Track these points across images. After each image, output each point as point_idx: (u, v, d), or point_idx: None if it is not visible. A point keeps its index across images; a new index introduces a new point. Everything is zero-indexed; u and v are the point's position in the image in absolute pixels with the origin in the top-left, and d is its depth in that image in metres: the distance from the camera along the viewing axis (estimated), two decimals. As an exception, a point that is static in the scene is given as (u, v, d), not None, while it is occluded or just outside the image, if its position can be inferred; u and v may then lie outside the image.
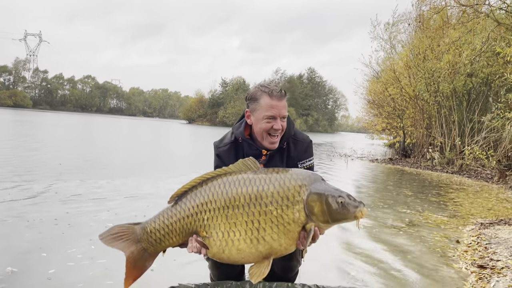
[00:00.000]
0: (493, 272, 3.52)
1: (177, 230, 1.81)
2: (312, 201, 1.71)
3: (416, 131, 18.59)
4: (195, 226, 1.77)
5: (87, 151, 13.64)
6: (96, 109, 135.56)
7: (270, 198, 1.71)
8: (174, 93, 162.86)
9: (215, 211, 1.74)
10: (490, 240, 4.64)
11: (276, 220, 1.69)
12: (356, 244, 4.35)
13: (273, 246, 1.69)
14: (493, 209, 6.93)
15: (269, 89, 2.05)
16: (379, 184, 10.49)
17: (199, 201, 1.78)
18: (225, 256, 1.73)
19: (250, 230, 1.69)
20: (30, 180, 6.61)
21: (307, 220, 1.71)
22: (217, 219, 1.73)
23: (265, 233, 1.69)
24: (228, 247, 1.71)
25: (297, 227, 1.70)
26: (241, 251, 1.70)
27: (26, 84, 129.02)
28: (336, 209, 1.70)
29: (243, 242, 1.70)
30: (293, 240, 1.71)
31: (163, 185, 7.28)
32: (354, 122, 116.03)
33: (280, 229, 1.69)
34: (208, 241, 1.75)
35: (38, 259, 3.24)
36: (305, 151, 2.22)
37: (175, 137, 28.93)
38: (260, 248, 1.69)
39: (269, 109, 2.04)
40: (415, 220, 5.70)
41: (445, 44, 15.21)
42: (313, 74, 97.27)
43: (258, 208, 1.71)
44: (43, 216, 4.52)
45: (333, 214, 1.71)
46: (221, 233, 1.72)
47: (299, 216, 1.70)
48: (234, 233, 1.70)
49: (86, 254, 3.40)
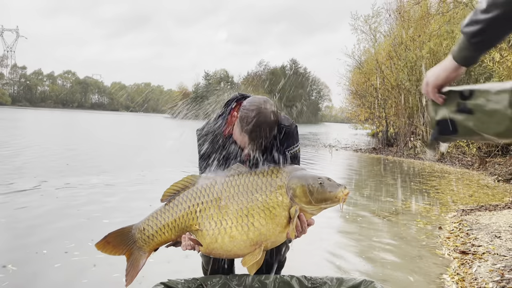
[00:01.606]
0: (474, 258, 3.62)
1: (169, 225, 1.87)
2: (293, 183, 1.81)
3: (398, 121, 18.84)
4: (188, 219, 1.84)
5: (97, 149, 13.44)
6: (78, 105, 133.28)
7: (255, 186, 1.83)
8: (156, 86, 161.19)
9: (207, 203, 1.83)
10: (471, 226, 4.75)
11: (262, 205, 1.79)
12: (339, 234, 4.41)
13: (262, 232, 1.77)
14: (474, 196, 7.09)
15: (250, 129, 1.90)
16: (363, 173, 10.63)
17: (191, 196, 1.87)
18: (218, 246, 1.79)
19: (241, 217, 1.78)
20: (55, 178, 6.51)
21: (291, 203, 1.80)
22: (210, 210, 1.82)
23: (254, 219, 1.78)
24: (221, 235, 1.79)
25: (282, 211, 1.79)
26: (233, 238, 1.78)
27: (4, 81, 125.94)
28: (317, 189, 1.78)
29: (234, 229, 1.78)
30: (280, 226, 1.79)
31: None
32: (337, 113, 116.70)
33: (267, 214, 1.78)
34: (201, 233, 1.81)
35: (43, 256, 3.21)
36: (291, 138, 2.19)
37: (165, 132, 28.70)
38: (250, 235, 1.77)
39: (244, 143, 1.99)
40: (398, 208, 5.80)
41: (426, 34, 15.39)
42: (296, 65, 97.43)
43: (246, 196, 1.81)
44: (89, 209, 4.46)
45: (314, 194, 1.78)
46: (213, 222, 1.80)
47: (282, 199, 1.80)
48: (226, 222, 1.79)
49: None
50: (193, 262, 3.09)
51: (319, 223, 4.86)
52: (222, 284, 1.90)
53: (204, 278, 1.92)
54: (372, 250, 3.88)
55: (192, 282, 1.88)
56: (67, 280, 2.87)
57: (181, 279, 1.89)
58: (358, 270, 3.31)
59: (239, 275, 1.95)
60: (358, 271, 3.28)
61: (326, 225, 4.72)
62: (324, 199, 1.79)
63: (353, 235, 4.37)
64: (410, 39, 16.28)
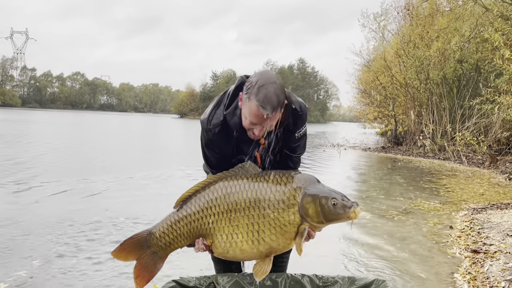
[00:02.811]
0: (486, 256, 3.59)
1: (184, 234, 1.91)
2: (307, 203, 1.79)
3: (407, 119, 18.71)
4: (201, 229, 1.88)
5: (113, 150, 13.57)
6: (87, 106, 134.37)
7: (267, 202, 1.82)
8: (164, 87, 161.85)
9: (219, 215, 1.86)
10: (482, 225, 4.71)
11: (273, 222, 1.80)
12: (351, 233, 4.40)
13: (273, 246, 1.81)
14: (485, 194, 7.02)
15: (261, 97, 1.83)
16: (372, 172, 10.57)
17: (204, 205, 1.89)
18: (230, 256, 1.86)
19: (251, 232, 1.81)
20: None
21: (302, 221, 1.80)
22: (221, 223, 1.85)
23: (265, 234, 1.80)
24: (232, 248, 1.83)
25: (293, 228, 1.81)
26: (244, 251, 1.82)
27: (14, 82, 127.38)
28: (330, 210, 1.77)
29: (245, 244, 1.81)
30: (290, 240, 1.82)
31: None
32: (346, 112, 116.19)
33: (277, 230, 1.80)
34: (214, 244, 1.87)
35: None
36: (300, 121, 2.12)
37: (174, 132, 28.84)
38: (260, 248, 1.81)
39: (252, 116, 1.87)
40: (409, 208, 5.76)
41: (434, 31, 15.27)
42: (303, 64, 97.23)
43: (257, 211, 1.82)
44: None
45: (327, 215, 1.78)
46: (225, 235, 1.84)
47: (294, 218, 1.80)
48: (237, 235, 1.82)
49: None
50: (204, 260, 3.12)
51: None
52: (234, 283, 1.91)
53: (216, 276, 1.94)
54: (383, 249, 3.87)
55: (204, 280, 1.90)
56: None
57: (193, 277, 1.90)
58: (369, 269, 3.30)
59: (250, 273, 1.95)
60: (368, 270, 3.27)
61: (336, 225, 4.71)
62: (336, 219, 1.81)
63: (363, 234, 4.36)
64: (418, 37, 16.15)
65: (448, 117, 15.51)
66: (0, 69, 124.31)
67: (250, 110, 1.87)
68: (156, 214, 4.51)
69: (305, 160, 11.25)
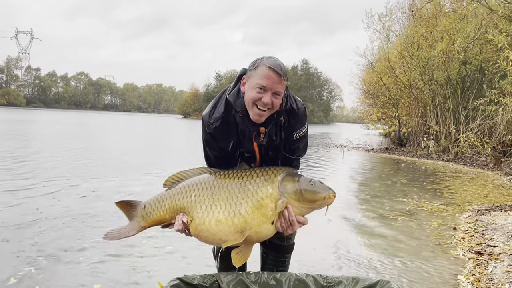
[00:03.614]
0: (490, 258, 3.58)
1: (166, 205, 2.05)
2: (286, 180, 1.92)
3: (411, 120, 18.67)
4: (184, 202, 2.00)
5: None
6: (91, 106, 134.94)
7: (250, 179, 1.95)
8: (168, 88, 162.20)
9: (203, 189, 1.98)
10: (486, 227, 4.70)
11: (251, 195, 1.90)
12: (353, 234, 4.40)
13: (247, 220, 1.87)
14: (489, 196, 7.00)
15: (271, 61, 1.94)
16: (375, 173, 10.56)
17: (191, 183, 2.04)
18: (204, 228, 1.91)
19: (229, 204, 1.90)
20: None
21: (280, 196, 1.89)
22: (203, 195, 1.97)
23: (241, 207, 1.89)
24: (208, 218, 1.91)
25: (270, 202, 1.88)
26: (219, 222, 1.88)
27: (19, 82, 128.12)
28: (307, 188, 1.88)
29: (222, 214, 1.89)
30: (265, 217, 1.88)
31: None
32: (349, 113, 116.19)
33: (254, 203, 1.88)
34: (192, 215, 1.95)
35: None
36: (299, 121, 2.14)
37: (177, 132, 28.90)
38: (235, 221, 1.87)
39: (263, 78, 1.91)
40: (412, 209, 5.76)
41: (438, 32, 15.24)
42: (307, 65, 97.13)
43: (239, 187, 1.93)
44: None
45: (304, 193, 1.88)
46: (204, 206, 1.94)
47: (272, 191, 1.90)
48: (216, 206, 1.92)
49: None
50: (209, 260, 3.13)
51: (333, 223, 4.86)
52: (238, 281, 1.92)
53: (220, 275, 1.95)
54: (386, 250, 3.87)
55: (208, 278, 1.91)
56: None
57: (197, 275, 1.92)
58: (372, 270, 3.30)
59: (255, 272, 1.97)
60: (372, 271, 3.28)
61: (340, 225, 4.72)
62: (313, 199, 1.88)
63: (367, 235, 4.36)
64: (422, 38, 16.12)
65: (452, 118, 15.46)
66: (5, 69, 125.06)
67: (261, 73, 1.93)
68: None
69: (309, 161, 11.25)
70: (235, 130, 2.10)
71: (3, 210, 4.63)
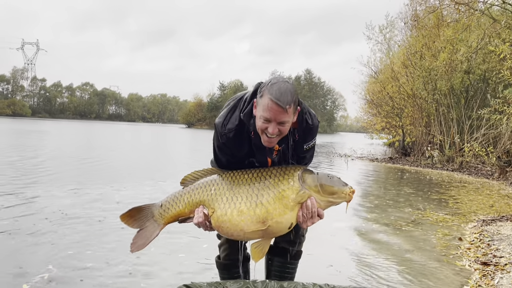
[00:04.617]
0: (496, 269, 3.56)
1: (185, 200, 2.08)
2: (306, 174, 2.00)
3: (415, 130, 18.66)
4: (203, 195, 2.03)
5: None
6: (95, 116, 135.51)
7: (269, 174, 2.02)
8: (172, 98, 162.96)
9: (222, 184, 2.03)
10: (492, 237, 4.68)
11: (273, 187, 1.96)
12: (357, 244, 4.39)
13: (269, 210, 1.91)
14: (494, 206, 6.97)
15: (274, 91, 1.90)
16: (380, 183, 10.54)
17: (209, 179, 2.10)
18: (226, 219, 1.94)
19: (251, 196, 1.95)
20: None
21: (301, 188, 1.94)
22: (224, 189, 2.01)
23: (263, 198, 1.93)
24: (230, 208, 1.94)
25: (291, 193, 1.94)
26: (241, 212, 1.92)
27: (25, 93, 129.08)
28: (326, 180, 1.97)
29: (243, 205, 1.93)
30: (287, 208, 1.92)
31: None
32: (353, 122, 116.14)
33: (276, 194, 1.94)
34: (213, 207, 1.99)
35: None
36: (311, 134, 2.20)
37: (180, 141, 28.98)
38: (257, 211, 1.91)
39: (266, 110, 1.91)
40: (417, 219, 5.74)
41: (441, 41, 15.30)
42: (310, 75, 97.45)
43: (259, 181, 1.99)
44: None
45: (323, 186, 1.96)
46: (225, 198, 1.98)
47: (293, 183, 1.95)
48: (237, 198, 1.97)
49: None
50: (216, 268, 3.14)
51: (339, 233, 4.85)
52: (245, 290, 1.94)
53: (227, 282, 1.97)
54: (392, 260, 3.86)
55: (215, 285, 1.93)
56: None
57: (204, 282, 1.94)
58: (378, 280, 3.30)
59: (261, 280, 1.98)
60: (378, 282, 3.27)
61: (346, 235, 4.71)
62: (332, 192, 1.95)
63: (373, 245, 4.35)
64: (425, 47, 16.18)
65: (456, 128, 15.44)
66: (11, 80, 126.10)
67: (264, 105, 1.93)
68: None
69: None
70: (248, 142, 2.12)
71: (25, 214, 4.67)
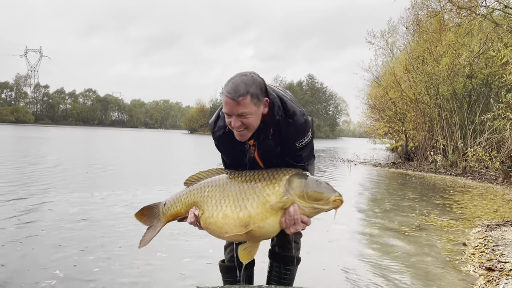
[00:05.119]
0: (501, 274, 3.53)
1: (182, 201, 2.21)
2: (293, 178, 1.98)
3: (418, 135, 18.62)
4: (198, 197, 2.15)
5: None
6: (98, 122, 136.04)
7: (260, 177, 2.04)
8: (175, 103, 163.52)
9: (215, 186, 2.12)
10: (497, 242, 4.65)
11: (259, 191, 1.98)
12: (361, 249, 4.37)
13: (252, 214, 1.93)
14: (499, 211, 6.93)
15: (228, 87, 1.99)
16: (383, 188, 10.50)
17: (206, 181, 2.19)
18: (212, 221, 2.02)
19: (237, 199, 2.00)
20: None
21: (285, 194, 1.94)
22: (215, 191, 2.09)
23: (248, 202, 1.97)
24: (216, 211, 2.02)
25: (275, 198, 1.94)
26: (225, 216, 1.99)
27: (28, 99, 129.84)
28: (312, 187, 1.93)
29: (229, 208, 1.99)
30: (270, 213, 1.93)
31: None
32: (355, 127, 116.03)
33: (260, 199, 1.96)
34: (203, 208, 2.09)
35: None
36: (297, 132, 2.13)
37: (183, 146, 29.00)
38: (240, 215, 1.95)
39: (224, 105, 2.01)
40: (421, 224, 5.71)
41: (443, 46, 15.30)
42: (312, 80, 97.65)
43: (249, 185, 2.03)
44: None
45: (309, 191, 1.93)
46: (214, 200, 2.06)
47: (278, 188, 1.96)
48: (224, 201, 2.03)
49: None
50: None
51: (341, 238, 4.82)
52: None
53: (231, 287, 1.96)
54: (396, 266, 3.83)
55: (214, 291, 1.91)
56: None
57: (209, 287, 1.93)
58: (380, 286, 3.27)
59: (265, 286, 1.97)
60: (381, 287, 3.24)
61: (349, 240, 4.69)
62: (317, 199, 1.91)
63: (376, 251, 4.32)
64: (427, 52, 16.18)
65: (459, 132, 15.40)
66: (14, 86, 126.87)
67: (223, 102, 2.02)
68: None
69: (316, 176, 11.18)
70: (233, 139, 2.19)
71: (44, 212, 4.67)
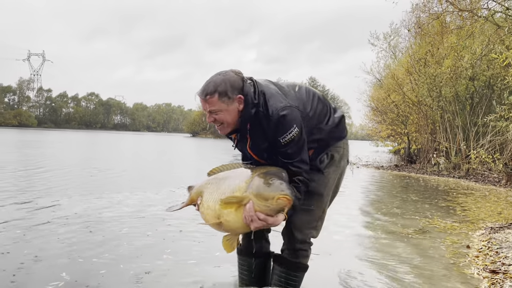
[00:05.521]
0: (505, 277, 3.52)
1: (195, 190, 2.44)
2: (258, 177, 2.08)
3: (420, 137, 18.60)
4: (203, 187, 2.35)
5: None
6: (101, 126, 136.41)
7: (245, 174, 2.17)
8: (177, 107, 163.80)
9: (216, 180, 2.29)
10: (501, 245, 4.63)
11: (233, 187, 2.12)
12: (363, 252, 4.36)
13: (221, 208, 2.11)
14: (502, 213, 6.90)
15: (201, 87, 2.22)
16: (386, 190, 10.48)
17: (219, 174, 2.34)
18: (202, 210, 2.26)
19: (220, 193, 2.16)
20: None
21: (246, 191, 2.06)
22: (214, 184, 2.27)
23: (223, 196, 2.13)
24: (206, 203, 2.22)
25: (238, 193, 2.07)
26: (208, 207, 2.20)
27: (31, 103, 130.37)
28: (262, 186, 2.01)
29: (211, 202, 2.19)
30: (232, 208, 2.06)
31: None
32: (358, 130, 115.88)
33: (230, 194, 2.10)
34: (202, 198, 2.31)
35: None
36: (277, 127, 2.12)
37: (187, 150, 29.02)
38: (216, 207, 2.13)
39: (201, 105, 2.26)
40: (425, 226, 5.69)
41: (445, 48, 15.30)
42: (314, 83, 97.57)
43: (235, 180, 2.17)
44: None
45: (260, 188, 2.01)
46: (208, 193, 2.25)
47: (242, 185, 2.09)
48: (212, 193, 2.22)
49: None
50: (225, 270, 3.12)
51: (344, 241, 4.81)
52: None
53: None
54: (398, 269, 3.82)
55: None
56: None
57: None
58: (385, 290, 3.26)
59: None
60: (385, 291, 3.24)
61: (352, 243, 4.68)
62: (265, 198, 1.98)
63: (377, 253, 4.31)
64: (429, 54, 16.18)
65: (462, 134, 15.37)
66: (17, 90, 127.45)
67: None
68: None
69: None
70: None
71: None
